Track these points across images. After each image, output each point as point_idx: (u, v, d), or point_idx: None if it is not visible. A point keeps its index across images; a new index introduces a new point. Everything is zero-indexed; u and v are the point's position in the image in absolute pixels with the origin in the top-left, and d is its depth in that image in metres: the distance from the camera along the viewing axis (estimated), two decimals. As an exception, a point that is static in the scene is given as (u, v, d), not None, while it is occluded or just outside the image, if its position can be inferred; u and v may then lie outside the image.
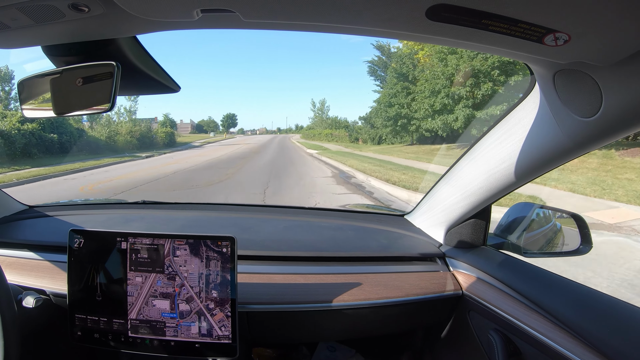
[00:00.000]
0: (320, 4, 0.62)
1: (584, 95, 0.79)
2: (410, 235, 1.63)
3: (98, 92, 0.84)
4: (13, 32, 0.79)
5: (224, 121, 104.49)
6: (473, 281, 1.32)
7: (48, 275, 1.30)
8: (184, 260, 1.12)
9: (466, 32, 0.66)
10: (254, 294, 1.24)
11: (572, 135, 0.89)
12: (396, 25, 0.67)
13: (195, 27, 0.75)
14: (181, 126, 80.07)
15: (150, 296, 1.13)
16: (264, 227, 1.72)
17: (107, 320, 1.14)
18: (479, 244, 1.45)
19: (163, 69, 0.99)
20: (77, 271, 1.15)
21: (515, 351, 1.11)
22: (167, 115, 58.59)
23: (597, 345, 0.89)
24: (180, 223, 1.74)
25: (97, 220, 1.78)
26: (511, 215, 1.43)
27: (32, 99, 0.95)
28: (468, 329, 1.32)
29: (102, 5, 0.67)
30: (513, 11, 0.58)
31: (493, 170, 1.18)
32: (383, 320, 1.36)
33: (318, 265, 1.41)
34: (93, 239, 1.15)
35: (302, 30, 0.74)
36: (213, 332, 1.12)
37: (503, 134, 1.11)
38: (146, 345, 1.14)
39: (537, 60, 0.80)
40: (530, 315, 1.08)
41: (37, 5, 0.68)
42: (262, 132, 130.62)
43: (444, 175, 1.46)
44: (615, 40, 0.63)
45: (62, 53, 0.89)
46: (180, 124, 79.98)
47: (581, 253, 1.31)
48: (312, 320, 1.30)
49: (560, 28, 0.61)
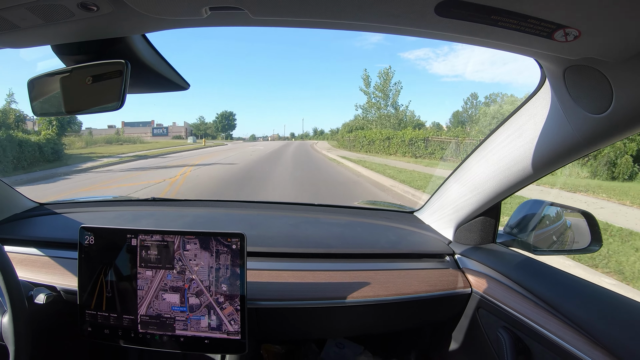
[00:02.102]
0: (328, 1, 0.61)
1: (595, 91, 0.79)
2: (420, 232, 1.63)
3: (108, 90, 0.85)
4: (23, 32, 0.80)
5: (217, 122, 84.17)
6: (482, 279, 1.32)
7: (59, 272, 1.31)
8: (193, 254, 1.12)
9: (475, 28, 0.65)
10: (262, 291, 1.24)
11: (582, 132, 0.88)
12: (405, 21, 0.66)
13: (204, 25, 0.75)
14: (174, 129, 72.75)
15: (161, 290, 1.14)
16: (272, 224, 1.73)
17: (117, 317, 1.15)
18: (489, 242, 1.45)
19: (172, 67, 0.99)
20: (87, 268, 1.16)
21: (524, 349, 1.10)
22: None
23: (606, 343, 0.88)
24: (190, 220, 1.75)
25: (106, 217, 1.79)
26: (521, 213, 1.42)
27: (42, 97, 0.96)
28: (477, 326, 1.31)
29: (111, 4, 0.67)
30: (522, 7, 0.57)
31: (504, 167, 1.17)
32: (392, 317, 1.35)
33: (327, 262, 1.41)
34: (103, 236, 1.16)
35: (310, 27, 0.74)
36: (222, 326, 1.12)
37: (514, 132, 1.10)
38: (156, 341, 1.15)
39: (547, 56, 0.80)
40: (539, 313, 1.07)
41: (47, 5, 0.69)
42: (274, 138, 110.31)
43: (454, 172, 1.45)
44: (626, 36, 0.63)
45: (71, 52, 0.89)
46: (173, 127, 72.75)
47: (591, 251, 1.30)
48: (320, 317, 1.30)
49: (570, 24, 0.61)
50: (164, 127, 72.81)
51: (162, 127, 72.62)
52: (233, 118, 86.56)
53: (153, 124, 72.92)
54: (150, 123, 72.42)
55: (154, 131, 71.10)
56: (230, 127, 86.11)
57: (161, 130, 72.13)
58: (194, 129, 77.88)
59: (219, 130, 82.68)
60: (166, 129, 72.54)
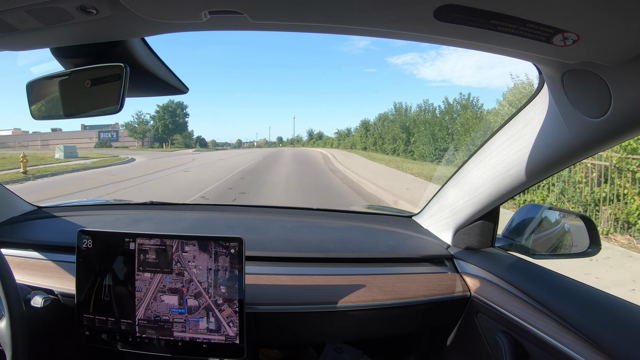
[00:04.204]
0: (328, 5, 0.61)
1: (593, 95, 0.79)
2: (418, 236, 1.63)
3: (106, 93, 0.85)
4: (22, 34, 0.80)
5: (157, 119, 58.41)
6: (481, 283, 1.32)
7: (56, 276, 1.31)
8: (192, 256, 1.12)
9: (474, 32, 0.65)
10: (261, 295, 1.24)
11: (581, 136, 0.89)
12: (404, 26, 0.67)
13: (203, 29, 0.76)
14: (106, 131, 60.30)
15: (159, 291, 1.13)
16: (271, 228, 1.72)
17: (115, 320, 1.15)
18: (487, 246, 1.45)
19: (171, 71, 0.99)
20: (85, 271, 1.16)
21: (523, 353, 1.10)
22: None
23: (605, 347, 0.88)
24: (188, 223, 1.75)
25: (105, 220, 1.79)
26: (519, 217, 1.42)
27: (40, 100, 0.95)
28: (476, 330, 1.31)
29: (111, 7, 0.67)
30: (521, 11, 0.58)
31: (502, 171, 1.17)
32: (390, 321, 1.35)
33: (325, 266, 1.40)
34: (101, 240, 1.16)
35: (310, 32, 0.74)
36: (221, 329, 1.12)
37: (512, 136, 1.10)
38: (154, 345, 1.15)
39: (546, 60, 0.80)
40: (538, 317, 1.07)
41: (46, 8, 0.69)
42: (260, 144, 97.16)
43: (452, 176, 1.45)
44: (624, 39, 0.63)
45: (70, 55, 0.90)
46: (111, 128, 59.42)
47: (590, 254, 1.30)
48: (319, 322, 1.30)
49: (568, 28, 0.61)
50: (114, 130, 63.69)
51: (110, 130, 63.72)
52: (183, 113, 59.98)
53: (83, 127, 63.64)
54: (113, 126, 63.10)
55: (100, 135, 62.55)
56: (178, 125, 60.11)
57: (110, 134, 63.39)
58: (129, 131, 59.82)
59: (160, 131, 58.88)
60: (116, 132, 63.66)
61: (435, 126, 21.96)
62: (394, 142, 29.03)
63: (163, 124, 57.88)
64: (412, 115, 28.50)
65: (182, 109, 59.08)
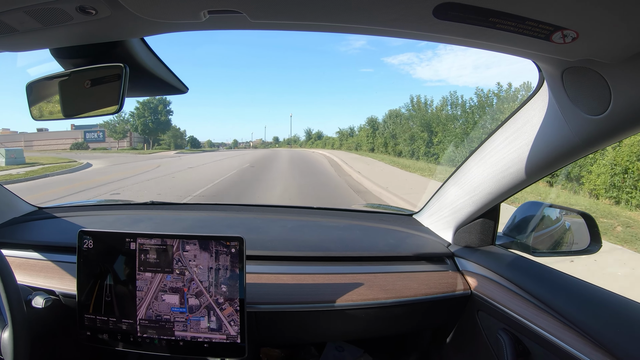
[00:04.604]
0: (327, 4, 0.61)
1: (593, 92, 0.79)
2: (419, 234, 1.63)
3: (106, 94, 0.85)
4: (21, 35, 0.80)
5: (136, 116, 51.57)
6: (482, 281, 1.32)
7: (57, 276, 1.31)
8: (193, 255, 1.12)
9: (473, 30, 0.65)
10: (262, 294, 1.24)
11: (580, 134, 0.89)
12: (403, 24, 0.66)
13: (202, 29, 0.75)
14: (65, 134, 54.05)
15: (160, 291, 1.13)
16: (271, 227, 1.73)
17: (116, 320, 1.15)
18: (488, 244, 1.45)
19: (171, 71, 0.99)
20: (86, 272, 1.16)
21: (524, 351, 1.10)
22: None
23: (606, 345, 0.88)
24: (189, 223, 1.75)
25: (105, 221, 1.79)
26: (520, 214, 1.42)
27: (40, 101, 0.95)
28: (477, 328, 1.31)
29: (110, 7, 0.67)
30: (520, 9, 0.58)
31: (502, 169, 1.17)
32: (391, 320, 1.35)
33: (326, 265, 1.40)
34: (102, 240, 1.16)
35: (309, 31, 0.74)
36: (222, 328, 1.12)
37: (512, 134, 1.10)
38: (155, 345, 1.15)
39: (545, 58, 0.80)
40: (539, 314, 1.07)
41: (45, 9, 0.69)
42: (256, 144, 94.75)
43: (452, 174, 1.45)
44: (624, 36, 0.63)
45: (70, 55, 0.89)
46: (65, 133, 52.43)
47: (591, 252, 1.30)
48: (320, 320, 1.30)
49: (568, 25, 0.61)
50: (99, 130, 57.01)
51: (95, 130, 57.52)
52: (166, 110, 53.18)
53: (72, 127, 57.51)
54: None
55: (86, 136, 57.19)
56: (160, 124, 53.16)
57: (96, 134, 57.39)
58: (109, 130, 53.40)
59: (139, 130, 52.21)
60: (102, 132, 56.72)
61: (468, 123, 18.95)
62: (411, 142, 23.98)
63: (143, 122, 51.68)
64: (435, 111, 23.82)
65: (164, 106, 52.77)
